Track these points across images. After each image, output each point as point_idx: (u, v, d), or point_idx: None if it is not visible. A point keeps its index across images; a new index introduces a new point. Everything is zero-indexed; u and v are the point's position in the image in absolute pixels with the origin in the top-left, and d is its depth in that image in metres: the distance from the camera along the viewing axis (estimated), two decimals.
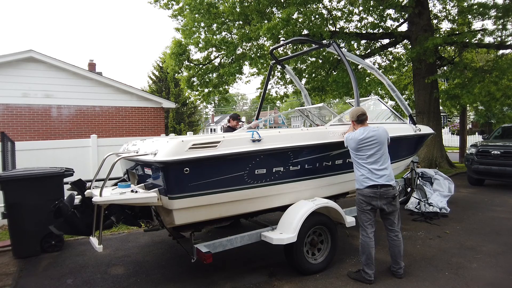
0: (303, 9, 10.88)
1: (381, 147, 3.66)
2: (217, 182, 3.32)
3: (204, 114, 53.87)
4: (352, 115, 3.85)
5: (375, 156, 3.62)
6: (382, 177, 3.56)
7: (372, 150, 3.63)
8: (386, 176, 3.58)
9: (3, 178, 4.39)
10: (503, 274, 3.74)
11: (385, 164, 3.65)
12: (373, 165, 3.61)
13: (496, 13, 10.46)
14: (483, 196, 7.79)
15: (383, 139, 3.70)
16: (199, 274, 3.92)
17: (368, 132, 3.68)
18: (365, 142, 3.65)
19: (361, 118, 3.83)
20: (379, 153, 3.64)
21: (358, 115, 3.82)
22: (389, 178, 3.59)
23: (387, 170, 3.62)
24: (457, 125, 27.38)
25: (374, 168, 3.59)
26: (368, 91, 10.95)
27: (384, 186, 3.56)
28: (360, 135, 3.68)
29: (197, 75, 12.85)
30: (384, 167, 3.62)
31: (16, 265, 4.38)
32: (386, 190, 3.56)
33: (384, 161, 3.65)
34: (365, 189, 3.60)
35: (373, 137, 3.65)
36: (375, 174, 3.57)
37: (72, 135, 10.70)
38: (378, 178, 3.56)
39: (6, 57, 9.73)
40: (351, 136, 3.76)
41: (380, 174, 3.57)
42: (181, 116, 27.92)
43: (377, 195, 3.56)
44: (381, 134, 3.70)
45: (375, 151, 3.63)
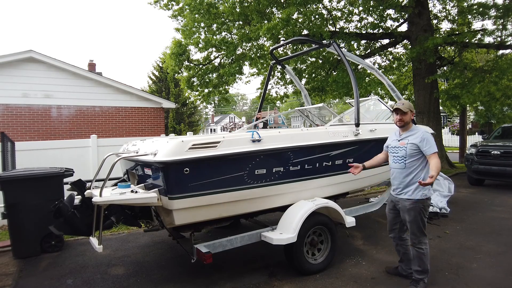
0: (303, 9, 10.88)
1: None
2: (217, 182, 3.31)
3: (204, 114, 53.88)
4: (411, 107, 3.44)
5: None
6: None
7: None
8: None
9: (3, 178, 4.39)
10: (503, 274, 3.73)
11: None
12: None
13: (496, 13, 10.46)
14: (483, 196, 7.79)
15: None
16: (199, 274, 3.92)
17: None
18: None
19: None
20: None
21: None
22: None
23: None
24: (457, 125, 27.39)
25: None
26: (368, 91, 10.95)
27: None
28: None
29: (197, 75, 12.85)
30: None
31: (16, 265, 4.38)
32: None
33: None
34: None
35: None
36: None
37: (72, 135, 10.69)
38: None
39: (6, 57, 9.72)
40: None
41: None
42: (181, 116, 27.92)
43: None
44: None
45: None
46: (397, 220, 3.51)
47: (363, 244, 4.82)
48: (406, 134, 3.39)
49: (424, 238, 3.33)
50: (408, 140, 3.31)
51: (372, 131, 4.67)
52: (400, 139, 3.42)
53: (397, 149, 3.41)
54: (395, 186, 3.43)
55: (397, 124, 3.44)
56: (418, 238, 3.31)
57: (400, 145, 3.37)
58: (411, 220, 3.28)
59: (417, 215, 3.26)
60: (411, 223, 3.30)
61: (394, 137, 3.54)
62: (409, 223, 3.31)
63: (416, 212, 3.25)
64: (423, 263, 3.31)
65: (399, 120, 3.38)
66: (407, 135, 3.38)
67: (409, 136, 3.35)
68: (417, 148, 3.24)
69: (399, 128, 3.47)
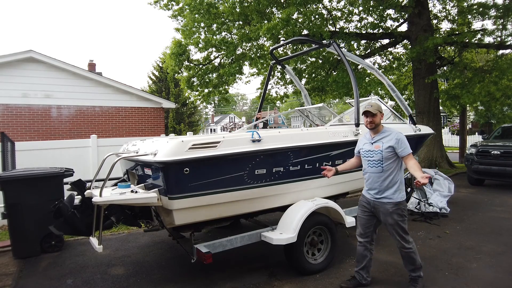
0: (303, 9, 10.88)
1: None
2: (217, 182, 3.32)
3: (204, 114, 53.87)
4: (381, 108, 3.39)
5: None
6: None
7: None
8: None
9: (3, 178, 4.39)
10: (503, 274, 3.73)
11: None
12: None
13: (496, 13, 10.46)
14: (483, 196, 7.79)
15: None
16: (199, 274, 3.92)
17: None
18: None
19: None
20: None
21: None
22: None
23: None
24: (457, 125, 27.39)
25: None
26: (368, 91, 10.95)
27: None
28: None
29: (197, 75, 12.85)
30: None
31: (16, 265, 4.38)
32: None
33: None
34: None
35: None
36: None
37: (72, 135, 10.69)
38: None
39: (6, 57, 9.72)
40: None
41: None
42: (181, 116, 27.91)
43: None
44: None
45: None
46: (371, 223, 3.39)
47: None
48: (379, 136, 3.29)
49: (409, 238, 3.28)
50: (383, 143, 3.22)
51: None
52: (373, 142, 3.30)
53: (371, 152, 3.29)
54: (373, 190, 3.29)
55: (368, 127, 3.33)
56: (404, 240, 3.23)
57: (374, 149, 3.26)
58: (394, 223, 3.18)
59: (398, 217, 3.18)
60: (395, 226, 3.19)
61: (366, 140, 3.41)
62: (392, 226, 3.20)
63: (398, 215, 3.18)
64: (415, 260, 3.29)
65: (369, 123, 3.28)
66: (380, 137, 3.27)
67: (383, 139, 3.25)
68: (392, 150, 3.16)
69: (369, 130, 3.37)
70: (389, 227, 3.24)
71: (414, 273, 3.33)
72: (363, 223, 3.41)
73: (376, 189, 3.25)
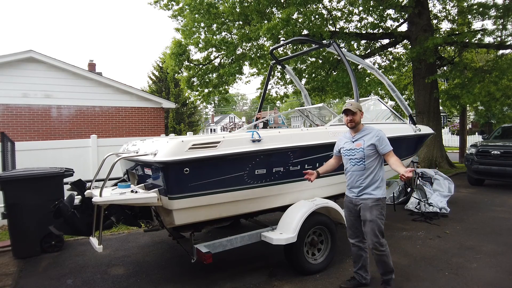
0: (303, 9, 10.89)
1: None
2: (217, 182, 3.32)
3: (204, 114, 53.86)
4: (360, 107, 3.36)
5: None
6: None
7: None
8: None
9: (3, 178, 4.39)
10: (503, 274, 3.74)
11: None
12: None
13: (496, 13, 10.47)
14: (483, 196, 7.79)
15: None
16: (199, 274, 3.92)
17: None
18: None
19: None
20: None
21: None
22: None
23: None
24: (457, 125, 27.39)
25: None
26: (368, 91, 10.95)
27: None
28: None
29: (197, 75, 12.85)
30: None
31: (16, 265, 4.38)
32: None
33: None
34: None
35: None
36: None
37: (72, 135, 10.69)
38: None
39: (6, 57, 9.72)
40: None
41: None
42: (181, 116, 27.92)
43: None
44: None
45: None
46: (359, 222, 3.30)
47: None
48: (360, 134, 3.28)
49: (384, 240, 3.19)
50: (364, 141, 3.21)
51: None
52: (354, 141, 3.29)
53: (353, 151, 3.26)
54: (355, 188, 3.26)
55: (348, 126, 3.32)
56: (379, 240, 3.13)
57: (356, 147, 3.24)
58: (372, 219, 3.12)
59: (378, 214, 3.13)
60: (372, 223, 3.12)
61: (346, 139, 3.39)
62: (370, 223, 3.13)
63: (377, 211, 3.13)
64: (388, 264, 3.22)
65: (349, 121, 3.27)
66: (361, 135, 3.27)
67: (364, 137, 3.24)
68: (374, 148, 3.17)
69: (349, 129, 3.36)
70: (367, 224, 3.15)
71: (385, 276, 3.30)
72: (351, 224, 3.38)
73: (358, 187, 3.23)
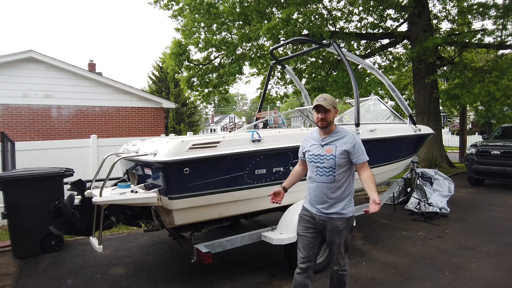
0: (303, 9, 10.89)
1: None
2: (217, 182, 3.32)
3: (204, 114, 53.86)
4: (335, 103, 2.71)
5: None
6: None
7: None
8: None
9: (3, 178, 4.39)
10: (503, 274, 3.74)
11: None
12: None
13: (496, 13, 10.47)
14: (483, 196, 7.79)
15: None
16: (199, 274, 3.92)
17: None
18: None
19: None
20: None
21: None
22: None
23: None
24: (457, 125, 27.39)
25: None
26: (368, 91, 10.95)
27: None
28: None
29: (197, 75, 12.86)
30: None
31: (16, 265, 4.38)
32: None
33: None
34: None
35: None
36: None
37: (72, 135, 10.69)
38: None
39: (6, 57, 9.72)
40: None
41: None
42: (181, 116, 27.92)
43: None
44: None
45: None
46: (316, 242, 2.71)
47: (363, 244, 4.82)
48: (331, 137, 2.64)
49: (347, 258, 2.73)
50: (336, 146, 2.58)
51: (372, 131, 4.67)
52: (324, 144, 2.63)
53: (321, 158, 2.61)
54: (320, 204, 2.63)
55: (319, 125, 2.65)
56: (344, 261, 2.67)
57: (326, 153, 2.59)
58: (342, 243, 2.61)
59: (347, 235, 2.65)
60: (341, 246, 2.62)
61: (313, 141, 2.72)
62: (339, 246, 2.62)
63: (347, 232, 2.64)
64: (346, 285, 2.73)
65: (321, 120, 2.60)
66: (333, 139, 2.63)
67: (336, 141, 2.61)
68: (347, 155, 2.57)
69: (319, 129, 2.70)
70: (335, 247, 2.63)
71: None
72: (307, 244, 2.69)
73: (325, 203, 2.61)
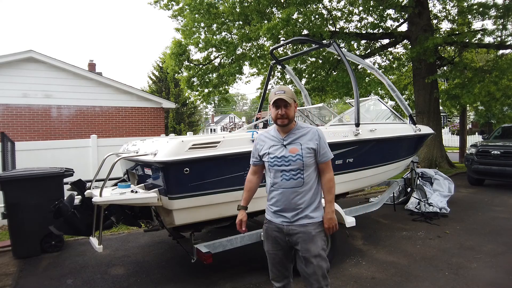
0: (303, 9, 10.89)
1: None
2: (217, 182, 3.32)
3: (204, 114, 53.88)
4: (295, 96, 2.35)
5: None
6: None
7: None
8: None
9: (3, 178, 4.39)
10: (503, 274, 3.74)
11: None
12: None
13: (496, 13, 10.47)
14: (483, 196, 7.79)
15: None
16: (199, 274, 3.92)
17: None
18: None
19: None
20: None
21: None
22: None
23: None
24: (457, 125, 27.40)
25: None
26: (368, 91, 10.96)
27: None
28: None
29: (197, 75, 12.87)
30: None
31: (16, 265, 4.38)
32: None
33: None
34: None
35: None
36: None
37: (72, 135, 10.70)
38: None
39: (6, 57, 9.73)
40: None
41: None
42: (181, 116, 27.93)
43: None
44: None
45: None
46: (288, 258, 2.38)
47: (363, 244, 4.82)
48: (293, 135, 2.27)
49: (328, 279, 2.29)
50: (301, 144, 2.22)
51: (372, 131, 4.67)
52: (286, 144, 2.25)
53: (286, 159, 2.22)
54: (289, 212, 2.24)
55: (279, 123, 2.26)
56: (328, 281, 2.28)
57: (291, 153, 2.22)
58: (318, 254, 2.20)
59: (323, 244, 2.25)
60: (319, 259, 2.20)
61: (271, 141, 2.32)
62: (316, 259, 2.20)
63: (322, 240, 2.25)
64: None
65: (281, 117, 2.23)
66: (296, 136, 2.26)
67: (300, 138, 2.25)
68: (313, 153, 2.24)
69: (278, 127, 2.32)
70: (312, 262, 2.20)
71: None
72: (278, 261, 2.36)
73: (294, 210, 2.23)
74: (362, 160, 4.59)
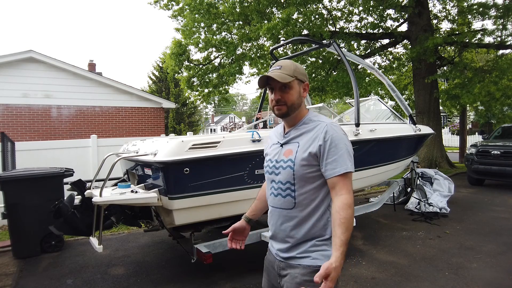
0: (303, 9, 10.89)
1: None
2: (217, 182, 3.32)
3: (204, 114, 53.86)
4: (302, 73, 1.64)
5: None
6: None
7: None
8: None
9: (3, 178, 4.39)
10: (503, 274, 3.74)
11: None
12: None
13: (496, 13, 10.48)
14: (483, 196, 7.79)
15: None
16: (199, 274, 3.92)
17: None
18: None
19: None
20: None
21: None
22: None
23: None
24: (457, 125, 27.39)
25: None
26: (368, 91, 10.96)
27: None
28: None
29: (197, 75, 12.87)
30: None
31: (16, 265, 4.38)
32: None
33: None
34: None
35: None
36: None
37: (72, 135, 10.69)
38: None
39: (6, 57, 9.72)
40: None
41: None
42: (181, 116, 27.93)
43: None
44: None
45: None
46: None
47: (363, 244, 4.82)
48: (295, 132, 1.58)
49: None
50: (299, 145, 1.53)
51: (372, 131, 4.67)
52: (284, 143, 1.60)
53: (277, 165, 1.58)
54: (278, 243, 1.60)
55: (275, 112, 1.57)
56: None
57: (284, 157, 1.55)
58: None
59: None
60: None
61: (275, 139, 1.68)
62: None
63: None
64: None
65: (276, 104, 1.55)
66: (298, 133, 1.57)
67: (301, 136, 1.55)
68: (312, 161, 1.49)
69: (282, 119, 1.64)
70: None
71: None
72: None
73: (284, 242, 1.57)
74: (362, 160, 4.58)
